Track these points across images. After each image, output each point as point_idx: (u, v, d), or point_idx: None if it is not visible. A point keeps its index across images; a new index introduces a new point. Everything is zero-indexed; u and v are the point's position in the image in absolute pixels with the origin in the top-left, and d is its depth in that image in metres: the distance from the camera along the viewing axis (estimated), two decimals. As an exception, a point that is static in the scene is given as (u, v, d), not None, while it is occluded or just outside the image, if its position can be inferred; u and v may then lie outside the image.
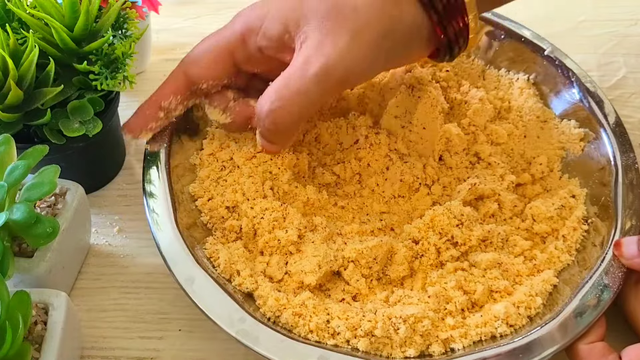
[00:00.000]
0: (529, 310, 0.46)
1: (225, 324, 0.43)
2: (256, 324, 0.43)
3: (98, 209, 0.55)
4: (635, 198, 0.50)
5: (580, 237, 0.50)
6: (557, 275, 0.48)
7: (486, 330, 0.45)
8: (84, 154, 0.52)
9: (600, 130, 0.54)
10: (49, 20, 0.47)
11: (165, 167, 0.50)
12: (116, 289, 0.51)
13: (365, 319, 0.44)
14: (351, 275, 0.48)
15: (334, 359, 0.42)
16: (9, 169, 0.44)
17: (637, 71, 0.66)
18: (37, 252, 0.45)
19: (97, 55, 0.49)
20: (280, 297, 0.46)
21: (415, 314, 0.44)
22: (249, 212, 0.49)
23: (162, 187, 0.49)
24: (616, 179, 0.51)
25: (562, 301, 0.45)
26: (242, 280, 0.46)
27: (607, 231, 0.49)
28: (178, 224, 0.47)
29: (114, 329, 0.48)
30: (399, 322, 0.44)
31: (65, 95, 0.49)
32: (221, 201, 0.50)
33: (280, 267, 0.48)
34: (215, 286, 0.45)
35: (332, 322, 0.44)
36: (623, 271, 0.46)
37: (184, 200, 0.50)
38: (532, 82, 0.59)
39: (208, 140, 0.54)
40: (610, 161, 0.52)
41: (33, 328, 0.42)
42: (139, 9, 0.57)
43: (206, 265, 0.46)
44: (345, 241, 0.50)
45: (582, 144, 0.55)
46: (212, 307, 0.44)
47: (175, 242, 0.46)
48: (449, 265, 0.48)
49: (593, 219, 0.50)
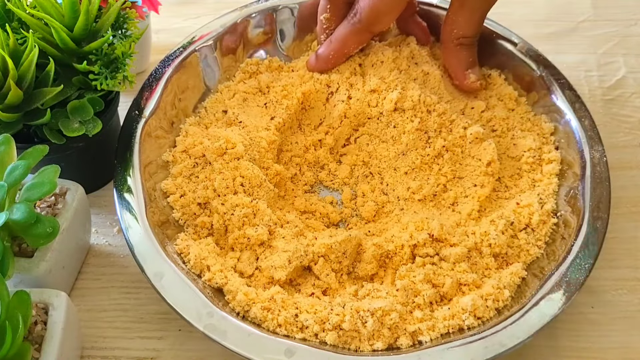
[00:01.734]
0: (497, 303, 0.46)
1: (193, 318, 0.43)
2: (224, 319, 0.44)
3: (98, 209, 0.55)
4: (603, 191, 0.50)
5: (550, 230, 0.50)
6: (526, 268, 0.48)
7: (454, 323, 0.45)
8: (84, 154, 0.52)
9: (570, 122, 0.54)
10: (48, 20, 0.47)
11: (138, 164, 0.51)
12: (116, 289, 0.51)
13: (334, 312, 0.45)
14: (321, 270, 0.48)
15: (300, 352, 0.43)
16: (9, 169, 0.44)
17: (637, 71, 0.66)
18: (37, 252, 0.45)
19: (97, 55, 0.49)
20: (250, 292, 0.46)
21: (383, 307, 0.44)
22: (219, 209, 0.50)
23: (133, 184, 0.50)
24: (583, 173, 0.51)
25: (530, 294, 0.46)
26: (212, 275, 0.47)
27: (575, 224, 0.49)
28: (149, 220, 0.48)
29: (114, 329, 0.48)
30: (366, 316, 0.44)
31: (65, 95, 0.49)
32: (193, 198, 0.51)
33: (251, 262, 0.49)
34: (184, 281, 0.45)
35: (300, 316, 0.45)
36: (590, 263, 0.46)
37: (156, 197, 0.51)
38: (504, 77, 0.59)
39: (181, 138, 0.55)
40: (579, 155, 0.52)
41: (33, 328, 0.42)
42: (139, 9, 0.57)
43: (176, 261, 0.47)
44: (316, 236, 0.50)
45: (552, 138, 0.55)
46: (180, 302, 0.44)
47: (145, 239, 0.47)
48: (418, 259, 0.49)
49: (562, 212, 0.50)
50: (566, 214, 0.50)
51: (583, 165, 0.51)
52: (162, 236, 0.48)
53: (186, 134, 0.55)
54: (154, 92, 0.55)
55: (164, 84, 0.55)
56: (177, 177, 0.52)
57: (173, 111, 0.56)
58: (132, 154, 0.51)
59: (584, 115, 0.54)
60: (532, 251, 0.49)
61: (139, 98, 0.54)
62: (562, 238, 0.49)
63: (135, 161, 0.51)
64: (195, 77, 0.58)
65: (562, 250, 0.48)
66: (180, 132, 0.55)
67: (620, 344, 0.47)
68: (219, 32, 0.60)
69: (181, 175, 0.52)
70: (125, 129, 0.52)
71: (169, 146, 0.54)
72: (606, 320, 0.49)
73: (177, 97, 0.56)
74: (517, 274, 0.47)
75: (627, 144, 0.60)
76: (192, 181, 0.52)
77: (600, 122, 0.54)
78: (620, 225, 0.53)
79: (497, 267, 0.49)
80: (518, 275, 0.47)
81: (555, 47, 0.65)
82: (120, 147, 0.52)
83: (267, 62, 0.61)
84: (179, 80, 0.57)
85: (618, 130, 0.61)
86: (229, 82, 0.60)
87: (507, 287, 0.47)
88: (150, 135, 0.53)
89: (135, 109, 0.54)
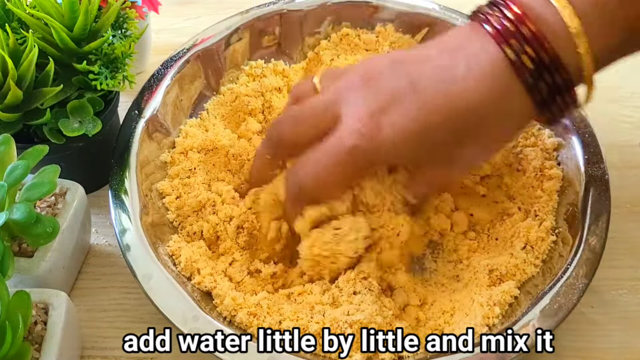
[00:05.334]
0: (487, 320, 0.45)
1: (179, 321, 0.43)
2: (209, 323, 0.43)
3: (98, 209, 0.55)
4: (602, 210, 0.49)
5: (548, 248, 0.49)
6: (520, 287, 0.47)
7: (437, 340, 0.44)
8: (84, 154, 0.52)
9: (573, 139, 0.53)
10: (48, 20, 0.47)
11: (135, 164, 0.50)
12: (116, 289, 0.51)
13: (313, 320, 0.44)
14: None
15: (281, 359, 0.42)
16: (9, 169, 0.44)
17: (637, 71, 0.66)
18: (37, 252, 0.45)
19: (97, 55, 0.49)
20: (237, 297, 0.46)
21: (362, 320, 0.44)
22: (210, 219, 0.50)
23: (128, 184, 0.50)
24: (585, 190, 0.50)
25: (520, 312, 0.45)
26: (202, 278, 0.47)
27: (573, 243, 0.48)
28: (142, 221, 0.48)
29: (114, 329, 0.48)
30: (345, 327, 0.44)
31: (65, 95, 0.49)
32: (188, 200, 0.51)
33: (242, 270, 0.49)
34: (172, 284, 0.45)
35: (283, 323, 0.45)
36: (584, 283, 0.45)
37: (152, 197, 0.51)
38: None
39: (180, 139, 0.55)
40: (581, 172, 0.51)
41: (33, 328, 0.42)
42: (138, 9, 0.57)
43: (166, 263, 0.47)
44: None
45: (555, 154, 0.54)
46: (166, 305, 0.44)
47: (137, 239, 0.47)
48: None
49: (560, 229, 0.50)
50: (564, 231, 0.49)
51: (585, 181, 0.50)
52: (154, 238, 0.48)
53: (186, 135, 0.55)
54: (155, 92, 0.55)
55: (165, 84, 0.55)
56: (174, 179, 0.52)
57: (174, 112, 0.56)
58: (129, 153, 0.51)
59: (587, 132, 0.53)
60: (529, 270, 0.48)
61: (140, 98, 0.54)
62: (559, 256, 0.48)
63: (132, 161, 0.51)
64: (197, 79, 0.58)
65: (558, 269, 0.47)
66: (180, 133, 0.55)
67: (619, 344, 0.47)
68: (223, 35, 0.59)
69: (178, 176, 0.52)
70: (124, 128, 0.52)
71: (169, 147, 0.54)
72: (606, 320, 0.49)
73: (178, 97, 0.56)
74: (509, 292, 0.46)
75: (627, 143, 0.60)
76: (188, 184, 0.52)
77: (600, 122, 0.54)
78: (620, 225, 0.53)
79: (489, 284, 0.48)
80: (510, 294, 0.46)
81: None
82: (118, 147, 0.51)
83: (271, 65, 0.61)
84: (181, 82, 0.57)
85: (618, 130, 0.61)
86: (232, 84, 0.59)
87: (498, 305, 0.45)
88: (150, 135, 0.53)
89: (136, 108, 0.54)
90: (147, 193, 0.50)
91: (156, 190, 0.51)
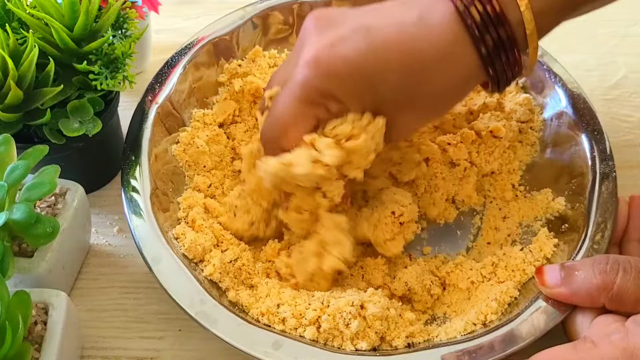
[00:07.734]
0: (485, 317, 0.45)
1: (186, 304, 0.44)
2: (216, 307, 0.44)
3: (98, 209, 0.55)
4: (610, 207, 0.49)
5: (551, 251, 0.48)
6: (520, 288, 0.47)
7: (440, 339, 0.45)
8: (84, 154, 0.52)
9: (582, 136, 0.53)
10: (48, 20, 0.47)
11: (147, 149, 0.51)
12: (116, 289, 0.51)
13: (311, 307, 0.45)
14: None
15: (287, 345, 0.43)
16: (9, 169, 0.44)
17: (637, 71, 0.66)
18: (37, 252, 0.45)
19: (97, 55, 0.49)
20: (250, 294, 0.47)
21: (369, 310, 0.44)
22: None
23: (139, 170, 0.50)
24: (592, 188, 0.50)
25: (518, 310, 0.45)
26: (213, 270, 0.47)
27: (577, 240, 0.48)
28: (153, 205, 0.48)
29: (114, 329, 0.48)
30: (348, 318, 0.44)
31: (65, 95, 0.49)
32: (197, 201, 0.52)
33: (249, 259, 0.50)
34: (180, 267, 0.45)
35: (281, 307, 0.45)
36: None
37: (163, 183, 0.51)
38: (521, 86, 0.58)
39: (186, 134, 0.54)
40: (589, 168, 0.51)
41: (33, 328, 0.42)
42: (139, 9, 0.57)
43: (174, 246, 0.47)
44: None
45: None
46: (175, 288, 0.44)
47: (147, 224, 0.47)
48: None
49: (565, 227, 0.50)
50: (568, 229, 0.49)
51: (591, 180, 0.50)
52: (164, 221, 0.48)
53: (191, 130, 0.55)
54: (169, 78, 0.55)
55: (179, 72, 0.55)
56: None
57: (187, 100, 0.56)
58: (142, 138, 0.51)
59: (595, 129, 0.53)
60: (529, 270, 0.48)
61: (154, 84, 0.54)
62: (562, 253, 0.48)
63: (145, 145, 0.51)
64: (211, 67, 0.58)
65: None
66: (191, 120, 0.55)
67: (620, 343, 0.47)
68: (237, 24, 0.59)
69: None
70: (137, 113, 0.53)
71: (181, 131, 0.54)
72: (606, 320, 0.49)
73: (191, 85, 0.56)
74: (508, 293, 0.46)
75: (627, 143, 0.60)
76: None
77: (600, 121, 0.55)
78: (620, 225, 0.53)
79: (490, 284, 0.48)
80: (509, 295, 0.46)
81: (556, 47, 0.65)
82: (131, 131, 0.52)
83: (284, 56, 0.60)
84: (195, 69, 0.57)
85: (618, 130, 0.61)
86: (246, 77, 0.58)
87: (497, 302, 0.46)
88: (162, 121, 0.53)
89: (150, 93, 0.54)
90: (161, 176, 0.51)
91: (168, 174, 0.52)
